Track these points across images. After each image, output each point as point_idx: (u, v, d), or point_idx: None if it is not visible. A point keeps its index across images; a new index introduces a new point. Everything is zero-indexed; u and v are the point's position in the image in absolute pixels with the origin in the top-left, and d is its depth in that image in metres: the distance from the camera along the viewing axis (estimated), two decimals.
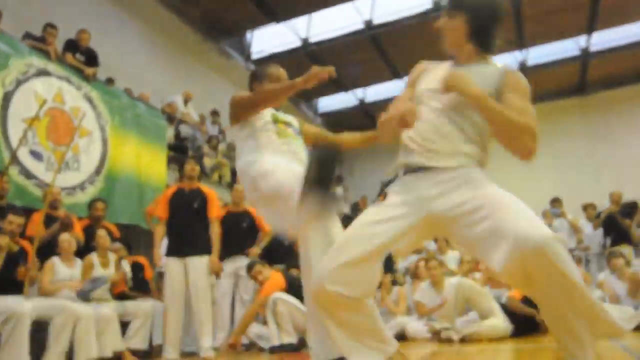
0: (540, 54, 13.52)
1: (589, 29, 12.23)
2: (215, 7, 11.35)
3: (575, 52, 13.24)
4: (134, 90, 7.99)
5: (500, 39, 2.12)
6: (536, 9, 11.56)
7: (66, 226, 4.70)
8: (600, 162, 13.48)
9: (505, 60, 13.87)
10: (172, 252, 4.61)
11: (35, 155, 5.57)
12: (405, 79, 12.31)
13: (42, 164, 5.58)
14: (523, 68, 13.69)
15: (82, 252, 4.73)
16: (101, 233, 4.78)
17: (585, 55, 13.21)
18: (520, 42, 12.77)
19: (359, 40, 12.61)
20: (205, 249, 4.63)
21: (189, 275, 4.51)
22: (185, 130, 8.86)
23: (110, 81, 7.42)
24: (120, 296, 4.78)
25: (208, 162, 8.68)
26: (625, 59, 13.31)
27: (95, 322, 4.05)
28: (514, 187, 2.06)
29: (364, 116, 16.58)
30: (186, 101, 9.31)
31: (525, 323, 4.79)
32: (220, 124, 10.21)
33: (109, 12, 9.47)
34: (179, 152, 8.23)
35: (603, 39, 12.82)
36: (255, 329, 4.81)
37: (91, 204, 5.36)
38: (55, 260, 4.40)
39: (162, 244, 5.45)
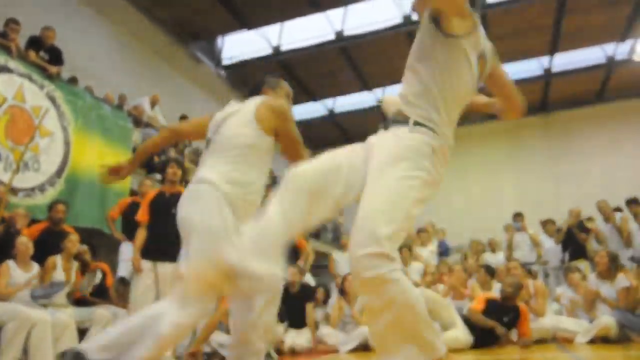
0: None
1: (552, 51, 12.67)
2: (186, 11, 11.25)
3: (539, 72, 13.70)
4: (99, 92, 7.82)
5: None
6: (502, 29, 11.92)
7: (9, 228, 4.53)
8: (560, 178, 13.94)
9: None
10: (145, 254, 4.52)
11: None
12: (375, 90, 12.57)
13: (0, 163, 5.38)
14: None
15: (39, 255, 4.57)
16: (72, 238, 4.65)
17: (548, 75, 13.68)
18: None
19: (330, 50, 12.71)
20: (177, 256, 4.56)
21: (159, 281, 4.43)
22: (151, 134, 8.71)
23: (73, 80, 7.23)
24: (79, 302, 4.64)
25: None
26: (586, 80, 13.86)
27: (52, 328, 3.91)
28: (477, 200, 2.12)
29: (333, 126, 16.69)
30: (153, 104, 9.16)
31: (486, 335, 4.88)
32: None
33: (75, 10, 9.27)
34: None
35: (565, 60, 13.31)
36: (217, 337, 4.74)
37: (51, 206, 5.18)
38: (10, 263, 4.24)
39: (127, 250, 5.36)
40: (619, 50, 12.97)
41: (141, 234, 4.60)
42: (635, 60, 12.41)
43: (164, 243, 4.49)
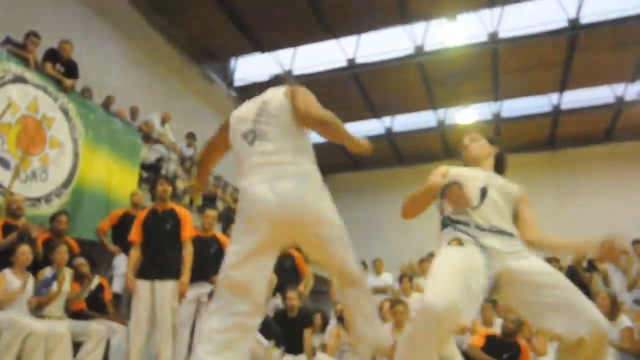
0: (514, 107, 14.00)
1: (562, 88, 12.74)
2: (202, 31, 11.47)
3: (547, 109, 13.75)
4: (111, 107, 7.91)
5: (476, 90, 2.41)
6: (513, 64, 12.04)
7: (23, 237, 4.54)
8: (566, 217, 13.82)
9: (480, 110, 14.32)
10: (141, 274, 4.51)
11: (2, 162, 5.42)
12: (384, 119, 12.68)
13: (8, 172, 5.42)
14: (497, 119, 14.13)
15: (39, 265, 4.56)
16: (61, 249, 4.63)
17: (557, 112, 13.73)
18: (496, 94, 13.22)
19: (341, 77, 12.85)
20: (175, 273, 4.55)
21: (156, 299, 4.42)
22: (160, 150, 8.77)
23: (86, 91, 7.32)
24: (77, 315, 4.61)
25: (180, 184, 8.58)
26: (594, 119, 13.89)
27: (46, 339, 3.88)
28: None
29: (340, 151, 16.73)
30: (164, 121, 9.25)
31: None
32: (195, 147, 10.15)
33: (94, 26, 9.46)
34: (153, 172, 8.13)
35: (574, 98, 13.37)
36: None
37: (54, 217, 5.20)
38: (6, 272, 4.23)
39: (120, 263, 5.35)
40: (628, 91, 13.04)
41: (134, 254, 4.61)
42: None
43: (160, 261, 4.49)
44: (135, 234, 4.65)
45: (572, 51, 11.42)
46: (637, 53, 11.45)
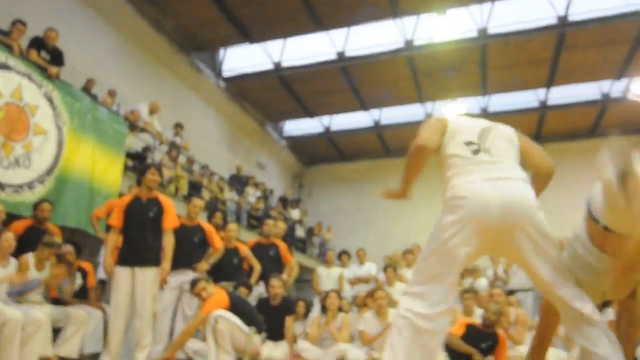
0: (502, 102, 14.10)
1: (549, 84, 12.85)
2: (191, 21, 11.39)
3: (534, 104, 13.86)
4: (98, 95, 7.88)
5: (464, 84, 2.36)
6: (501, 60, 12.12)
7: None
8: (549, 209, 13.97)
9: (468, 104, 14.41)
10: (122, 261, 4.51)
11: None
12: (372, 111, 12.66)
13: None
14: (484, 113, 14.23)
15: (21, 252, 4.57)
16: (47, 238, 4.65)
17: (543, 107, 13.85)
18: (484, 88, 13.30)
19: (330, 69, 12.86)
20: (156, 261, 4.55)
21: (136, 286, 4.43)
22: (146, 139, 8.75)
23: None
24: (57, 301, 4.62)
25: (166, 173, 8.58)
26: (580, 115, 14.04)
27: (25, 325, 3.89)
28: None
29: (329, 143, 16.80)
30: (152, 112, 9.19)
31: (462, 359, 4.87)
32: (182, 136, 10.13)
33: (81, 14, 9.38)
34: (139, 161, 8.11)
35: (561, 94, 13.49)
36: (193, 344, 4.73)
37: (37, 205, 5.19)
38: None
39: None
40: (614, 88, 13.18)
41: (112, 238, 4.59)
42: (630, 99, 12.58)
43: (141, 249, 4.50)
44: (115, 218, 4.64)
45: (560, 48, 11.51)
46: (623, 51, 11.57)
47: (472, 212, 2.11)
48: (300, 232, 13.28)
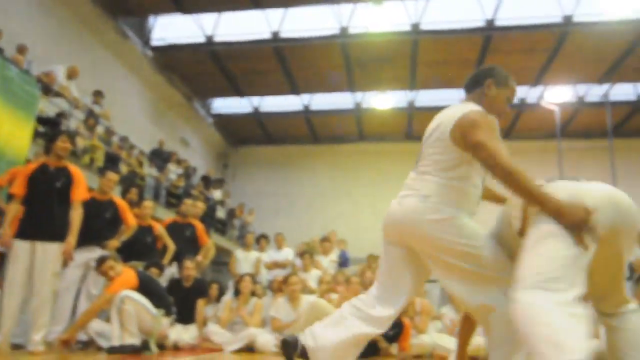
0: (428, 98, 14.58)
1: None
2: None
3: (457, 102, 14.42)
4: (8, 52, 7.26)
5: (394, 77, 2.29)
6: (431, 56, 12.50)
7: None
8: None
9: (397, 97, 14.76)
10: (22, 234, 4.19)
11: None
12: (303, 95, 12.64)
13: None
14: (410, 108, 14.65)
15: None
16: None
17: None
18: (412, 83, 13.67)
19: (264, 49, 12.67)
20: (60, 235, 4.28)
21: (36, 262, 4.14)
22: (61, 105, 8.21)
23: None
24: None
25: (81, 142, 8.11)
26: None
27: None
28: (383, 217, 2.23)
29: (257, 125, 16.60)
30: (70, 76, 8.61)
31: (368, 346, 5.01)
32: (102, 105, 9.60)
33: None
34: (51, 127, 7.59)
35: None
36: (96, 325, 4.53)
37: None
38: None
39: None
40: (530, 94, 13.99)
41: (13, 208, 4.26)
42: (543, 105, 13.40)
43: (45, 221, 4.22)
44: (18, 187, 4.30)
45: (485, 51, 12.03)
46: (542, 59, 12.30)
47: None
48: (221, 214, 13.06)
